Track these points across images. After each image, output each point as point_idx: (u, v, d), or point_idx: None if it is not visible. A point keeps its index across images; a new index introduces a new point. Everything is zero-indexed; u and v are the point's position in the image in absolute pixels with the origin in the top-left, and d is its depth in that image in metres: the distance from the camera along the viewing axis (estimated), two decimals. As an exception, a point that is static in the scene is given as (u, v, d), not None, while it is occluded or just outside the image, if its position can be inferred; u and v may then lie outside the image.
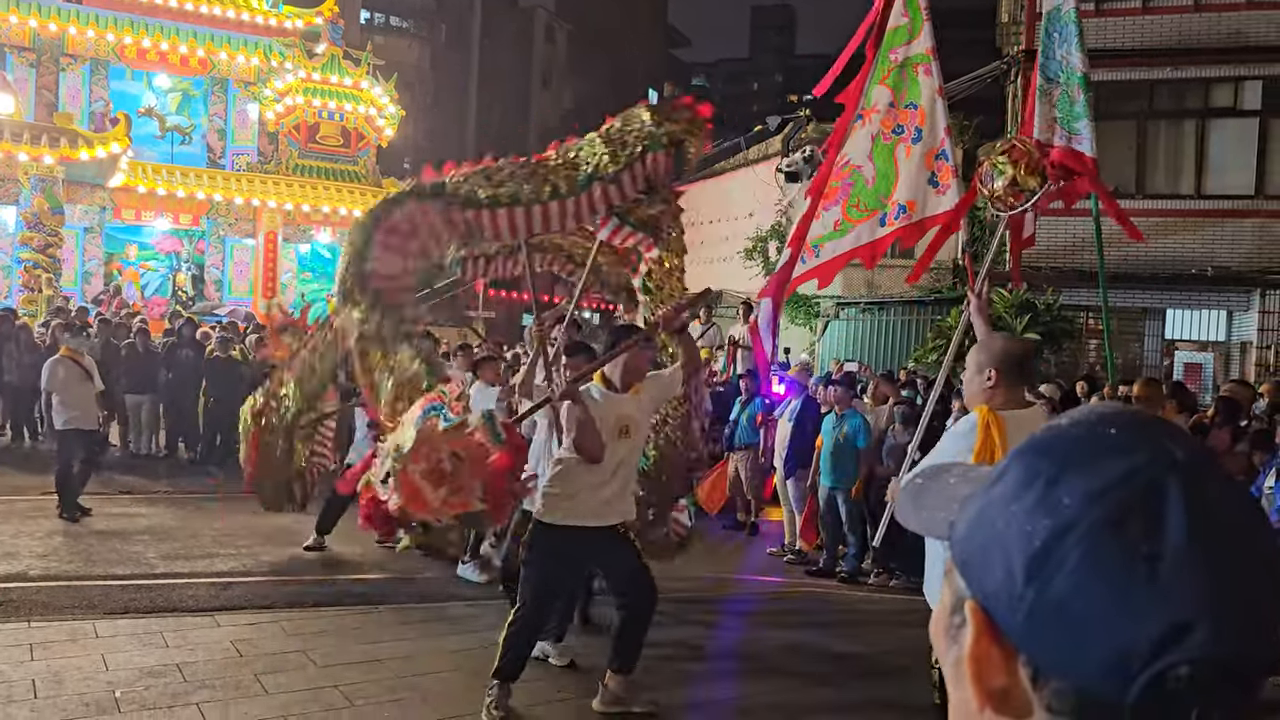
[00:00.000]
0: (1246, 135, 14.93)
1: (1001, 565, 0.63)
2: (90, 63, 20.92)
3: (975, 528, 0.67)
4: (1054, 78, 5.91)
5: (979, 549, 0.65)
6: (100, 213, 20.63)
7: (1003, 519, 0.64)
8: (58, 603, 6.24)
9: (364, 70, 22.58)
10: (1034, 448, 0.66)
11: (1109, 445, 0.64)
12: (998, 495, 0.66)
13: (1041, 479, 0.63)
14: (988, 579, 0.64)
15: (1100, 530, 0.60)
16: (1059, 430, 0.67)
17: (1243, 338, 15.25)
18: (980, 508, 0.67)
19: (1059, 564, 0.60)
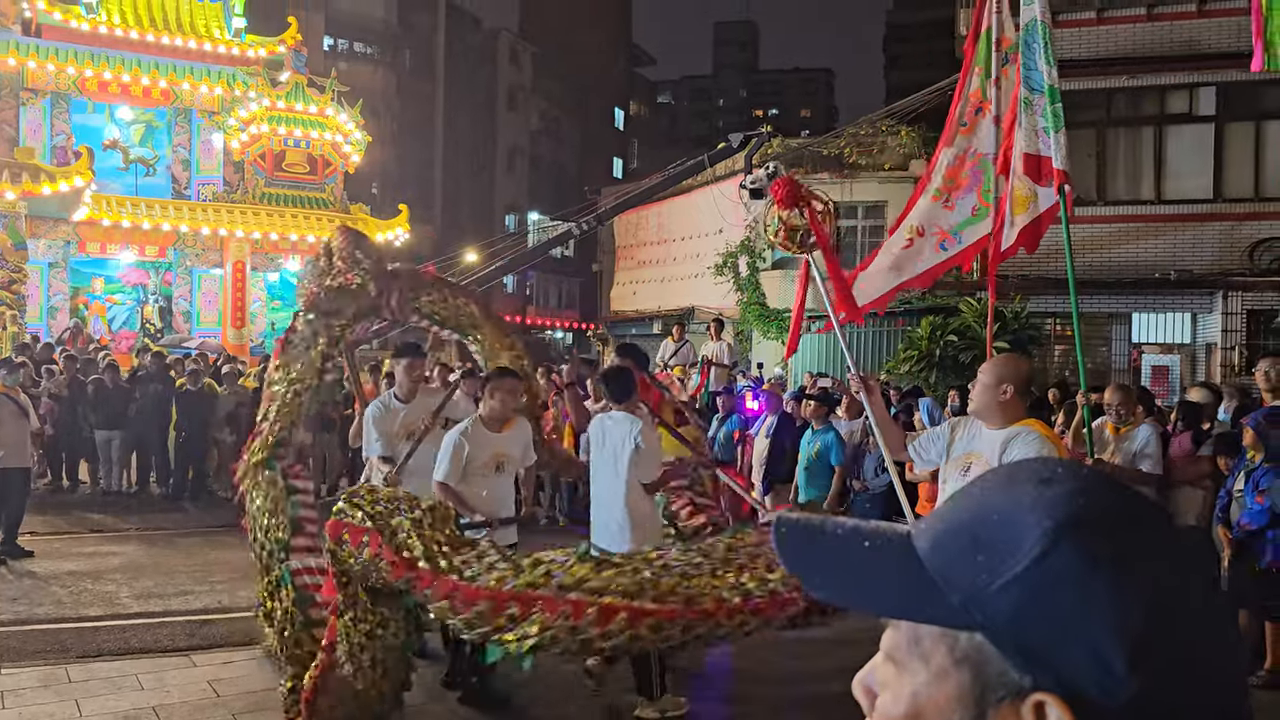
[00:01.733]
0: (1203, 140, 15.21)
1: (1086, 652, 0.59)
2: (51, 96, 20.73)
3: (1032, 611, 0.61)
4: (1038, 88, 5.98)
5: (1045, 634, 0.60)
6: (65, 247, 20.40)
7: (1077, 601, 0.60)
8: (29, 647, 6.13)
9: (329, 97, 22.51)
10: (1075, 523, 0.62)
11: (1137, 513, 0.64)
12: (1054, 575, 0.61)
13: (1106, 556, 0.61)
14: (1066, 667, 0.60)
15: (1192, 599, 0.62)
16: (1092, 501, 0.64)
17: (1207, 339, 15.49)
18: (1030, 588, 0.61)
19: (1164, 641, 0.59)
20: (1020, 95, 6.03)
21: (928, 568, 0.65)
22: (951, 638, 0.64)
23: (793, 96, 76.00)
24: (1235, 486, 5.68)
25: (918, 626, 0.66)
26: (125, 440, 12.57)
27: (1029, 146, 5.88)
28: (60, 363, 13.44)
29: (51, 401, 12.39)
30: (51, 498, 12.16)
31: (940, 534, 0.67)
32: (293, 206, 22.26)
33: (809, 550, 0.68)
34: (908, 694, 0.66)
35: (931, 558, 0.65)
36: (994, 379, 3.86)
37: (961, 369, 13.08)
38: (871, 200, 19.62)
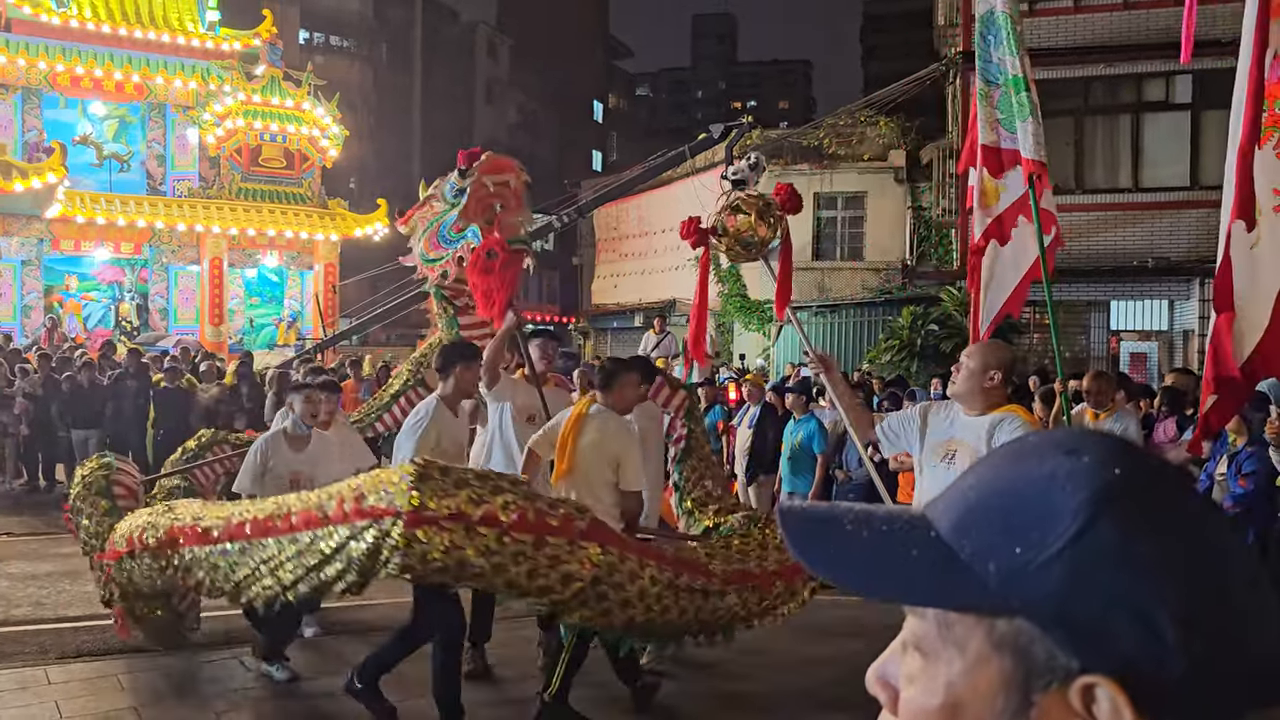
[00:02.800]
0: (1180, 128, 15.31)
1: (1138, 628, 0.57)
2: (21, 91, 20.46)
3: (1077, 589, 0.58)
4: (994, 80, 5.97)
5: (1094, 612, 0.58)
6: (38, 245, 20.17)
7: (1122, 575, 0.58)
8: (7, 649, 6.05)
9: (305, 91, 22.33)
10: (1111, 494, 0.60)
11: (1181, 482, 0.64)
12: (1097, 549, 0.58)
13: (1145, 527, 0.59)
14: (1117, 645, 0.58)
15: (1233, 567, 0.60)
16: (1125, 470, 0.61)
17: (1185, 326, 15.61)
18: (1072, 565, 0.58)
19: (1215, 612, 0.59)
20: (978, 88, 6.01)
21: (955, 551, 0.62)
22: (988, 623, 0.61)
23: (771, 88, 76.03)
24: (1217, 470, 5.72)
25: (947, 614, 0.63)
26: (102, 439, 12.41)
27: (985, 138, 5.87)
28: (34, 362, 13.27)
29: (26, 401, 12.25)
30: (28, 498, 12.03)
31: (964, 515, 0.64)
32: (270, 202, 22.08)
33: (819, 539, 0.65)
34: (942, 684, 0.63)
35: (958, 540, 0.62)
36: (980, 365, 3.84)
37: (943, 358, 13.14)
38: (851, 191, 19.65)
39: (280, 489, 5.15)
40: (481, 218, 5.37)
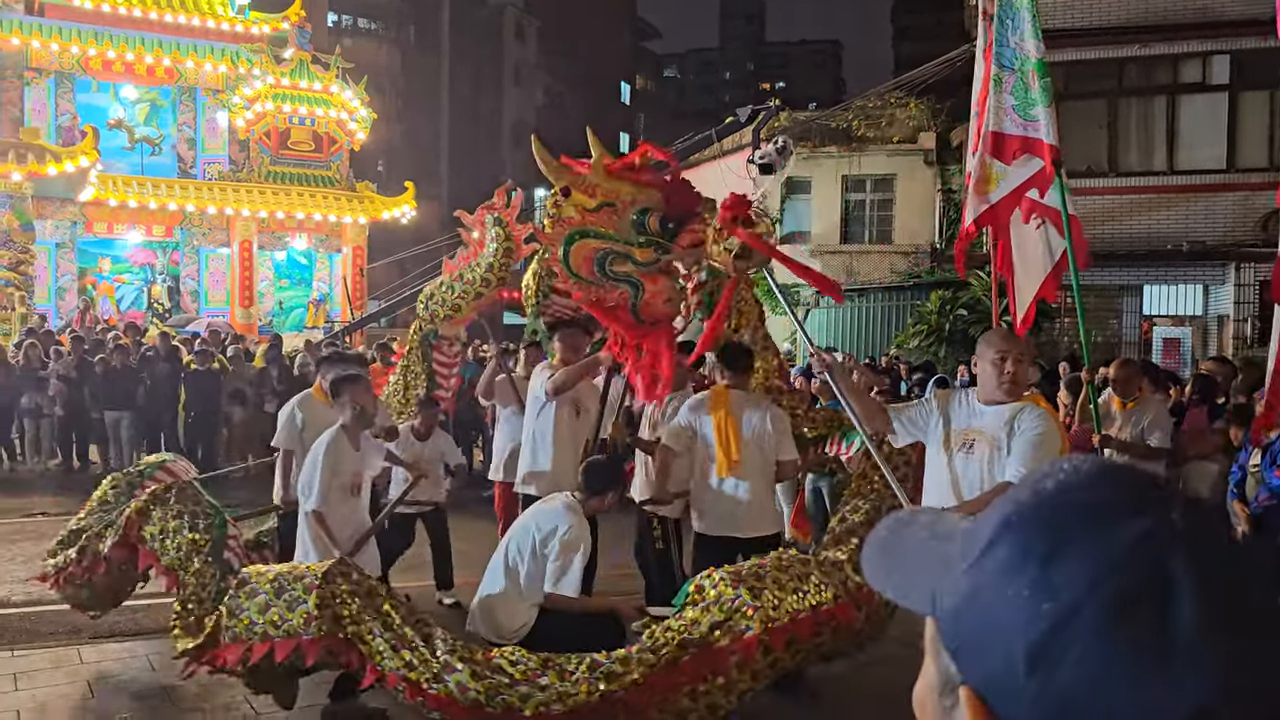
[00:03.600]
0: (1216, 110, 15.02)
1: (1000, 653, 0.58)
2: (55, 76, 20.68)
3: (968, 607, 0.61)
4: (1009, 65, 5.88)
5: (973, 632, 0.60)
6: (71, 227, 20.41)
7: (997, 601, 0.59)
8: (41, 629, 6.16)
9: (333, 74, 22.41)
10: (1023, 518, 0.61)
11: (1103, 514, 0.59)
12: (989, 572, 0.60)
13: (1035, 557, 0.59)
14: (984, 665, 0.59)
15: (1104, 617, 0.55)
16: (1047, 496, 0.62)
17: (1219, 311, 15.37)
18: (973, 584, 0.61)
19: (1061, 655, 0.56)
20: (991, 73, 5.92)
21: (942, 561, 0.66)
22: (933, 627, 0.65)
23: (800, 69, 75.38)
24: (1250, 461, 5.62)
25: (929, 618, 0.67)
26: (134, 421, 12.59)
27: (995, 125, 5.79)
28: (68, 344, 13.46)
29: (60, 383, 12.43)
30: (62, 478, 12.21)
31: (965, 530, 0.68)
32: (299, 185, 22.22)
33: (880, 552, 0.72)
34: (920, 680, 0.68)
35: (931, 546, 0.68)
36: (1028, 359, 3.90)
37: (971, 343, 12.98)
38: (880, 173, 19.46)
39: (343, 497, 4.88)
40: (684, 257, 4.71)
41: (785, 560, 4.09)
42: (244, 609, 3.92)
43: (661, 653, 3.72)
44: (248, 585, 3.98)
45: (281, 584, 3.93)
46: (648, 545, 6.03)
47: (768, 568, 4.00)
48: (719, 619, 3.78)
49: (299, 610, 3.83)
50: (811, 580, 3.94)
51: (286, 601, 3.87)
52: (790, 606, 3.83)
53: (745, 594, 3.81)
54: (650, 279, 4.62)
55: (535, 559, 4.45)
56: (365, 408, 4.98)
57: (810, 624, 3.83)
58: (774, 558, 4.11)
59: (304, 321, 22.82)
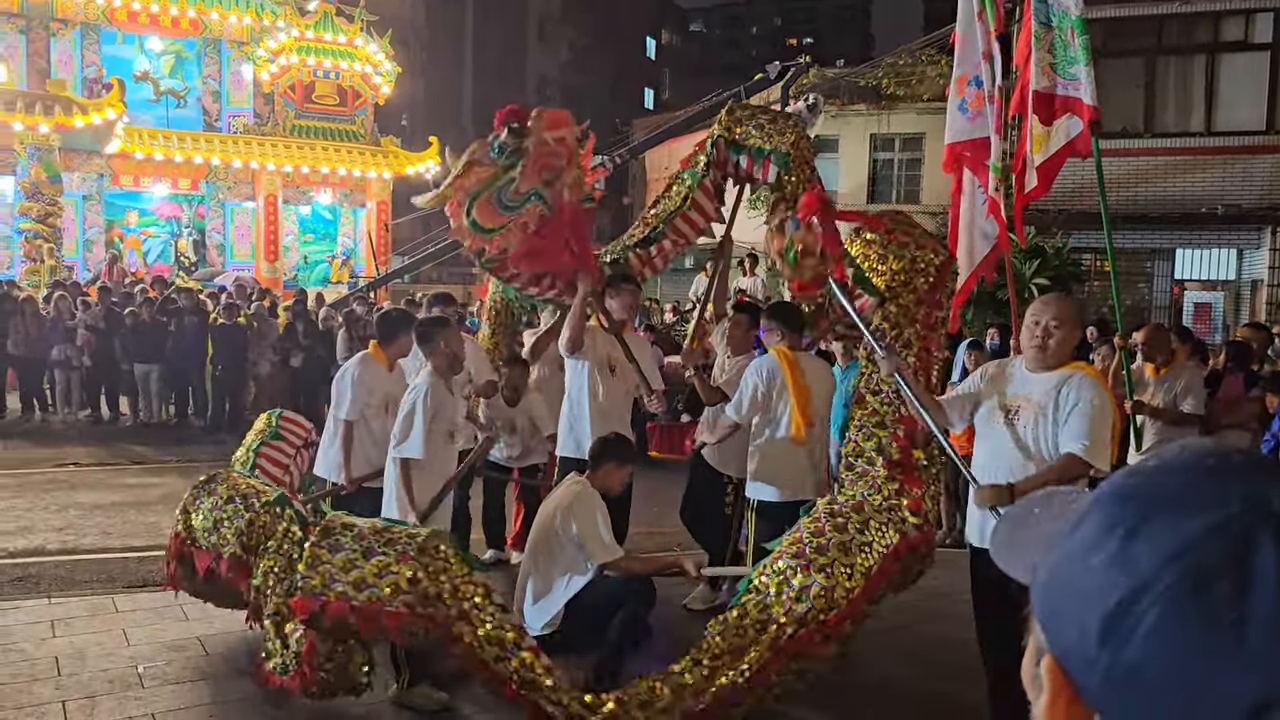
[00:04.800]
0: (1258, 69, 14.69)
1: (1077, 623, 0.59)
2: (80, 27, 20.62)
3: (1054, 578, 0.62)
4: (1047, 22, 5.75)
5: (1057, 602, 0.61)
6: (98, 180, 20.48)
7: (1080, 572, 0.60)
8: (77, 577, 6.27)
9: (358, 27, 22.24)
10: (1116, 493, 0.62)
11: (1195, 495, 0.58)
12: (1077, 545, 0.61)
13: (1120, 530, 0.59)
14: (1065, 636, 0.60)
15: (1179, 591, 0.55)
16: (1144, 473, 0.62)
17: (1253, 276, 15.14)
18: (1060, 556, 0.62)
19: (1134, 626, 0.56)
20: (1032, 30, 5.79)
21: (1039, 533, 0.68)
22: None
23: (828, 25, 74.17)
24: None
25: None
26: (163, 373, 12.73)
27: (1038, 84, 5.68)
28: (95, 295, 13.58)
29: (89, 334, 12.55)
30: (93, 429, 12.39)
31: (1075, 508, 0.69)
32: (323, 139, 22.16)
33: (1010, 528, 0.74)
34: (1027, 651, 0.69)
35: (1048, 525, 0.68)
36: (1073, 323, 3.77)
37: (1000, 306, 12.86)
38: (910, 132, 19.20)
39: (445, 443, 4.82)
40: (542, 178, 4.95)
41: (839, 515, 4.01)
42: (324, 562, 3.65)
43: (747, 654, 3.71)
44: (332, 536, 3.73)
45: (371, 545, 3.68)
46: (712, 505, 6.00)
47: (826, 531, 3.94)
48: (797, 610, 3.75)
49: (387, 580, 3.58)
50: (872, 528, 3.92)
51: (376, 566, 3.61)
52: (862, 568, 3.81)
53: (819, 577, 3.77)
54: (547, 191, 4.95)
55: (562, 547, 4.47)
56: (457, 353, 4.91)
57: (880, 576, 3.84)
58: (828, 514, 4.03)
59: (328, 276, 22.88)
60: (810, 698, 4.59)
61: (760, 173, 5.55)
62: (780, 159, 5.45)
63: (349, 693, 4.09)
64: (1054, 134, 5.77)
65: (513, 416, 6.54)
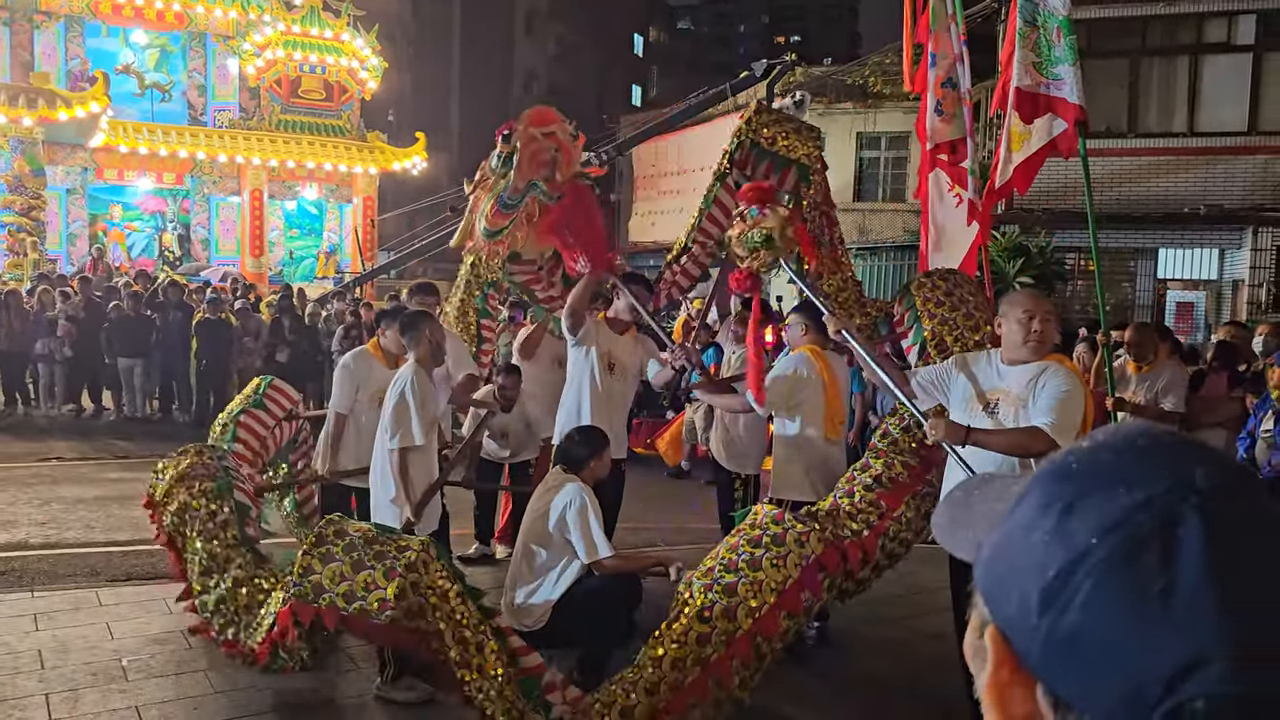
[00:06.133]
0: (1240, 71, 14.80)
1: (1018, 594, 0.62)
2: (65, 20, 20.50)
3: (997, 553, 0.65)
4: (1032, 21, 5.78)
5: (999, 576, 0.65)
6: (82, 173, 20.36)
7: (1020, 546, 0.63)
8: (60, 571, 6.25)
9: (344, 22, 22.18)
10: (1054, 472, 0.65)
11: (1128, 472, 0.62)
12: (1017, 521, 0.64)
13: (1058, 506, 0.62)
14: (1006, 607, 0.63)
15: (1112, 562, 0.58)
16: (1079, 453, 0.65)
17: (1235, 276, 15.27)
18: (1003, 533, 0.65)
19: (1071, 596, 0.59)
20: (1016, 28, 5.82)
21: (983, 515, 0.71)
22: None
23: (815, 23, 74.30)
24: (1262, 428, 5.61)
25: None
26: (147, 368, 12.67)
27: (1021, 82, 5.71)
28: (76, 286, 13.53)
29: (69, 324, 12.48)
30: (76, 423, 12.32)
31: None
32: (309, 134, 22.09)
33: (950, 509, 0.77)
34: (969, 626, 0.71)
35: (992, 506, 0.71)
36: (1024, 314, 3.78)
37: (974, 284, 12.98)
38: (895, 131, 19.27)
39: (431, 426, 4.85)
40: (540, 171, 4.95)
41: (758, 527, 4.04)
42: (315, 571, 3.72)
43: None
44: (324, 545, 3.80)
45: (361, 558, 3.73)
46: (728, 504, 6.06)
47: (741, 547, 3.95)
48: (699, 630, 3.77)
49: (374, 594, 3.64)
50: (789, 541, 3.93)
51: (364, 580, 3.67)
52: (771, 584, 3.81)
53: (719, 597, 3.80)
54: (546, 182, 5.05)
55: (552, 543, 4.48)
56: (440, 344, 4.92)
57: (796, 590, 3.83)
58: (749, 527, 4.02)
59: (314, 272, 22.81)
60: (795, 691, 4.62)
61: (780, 181, 5.59)
62: (802, 171, 5.52)
63: (298, 669, 4.22)
64: (1034, 133, 5.80)
65: (506, 422, 6.56)
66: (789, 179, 5.59)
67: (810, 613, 3.94)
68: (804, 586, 3.80)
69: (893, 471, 4.32)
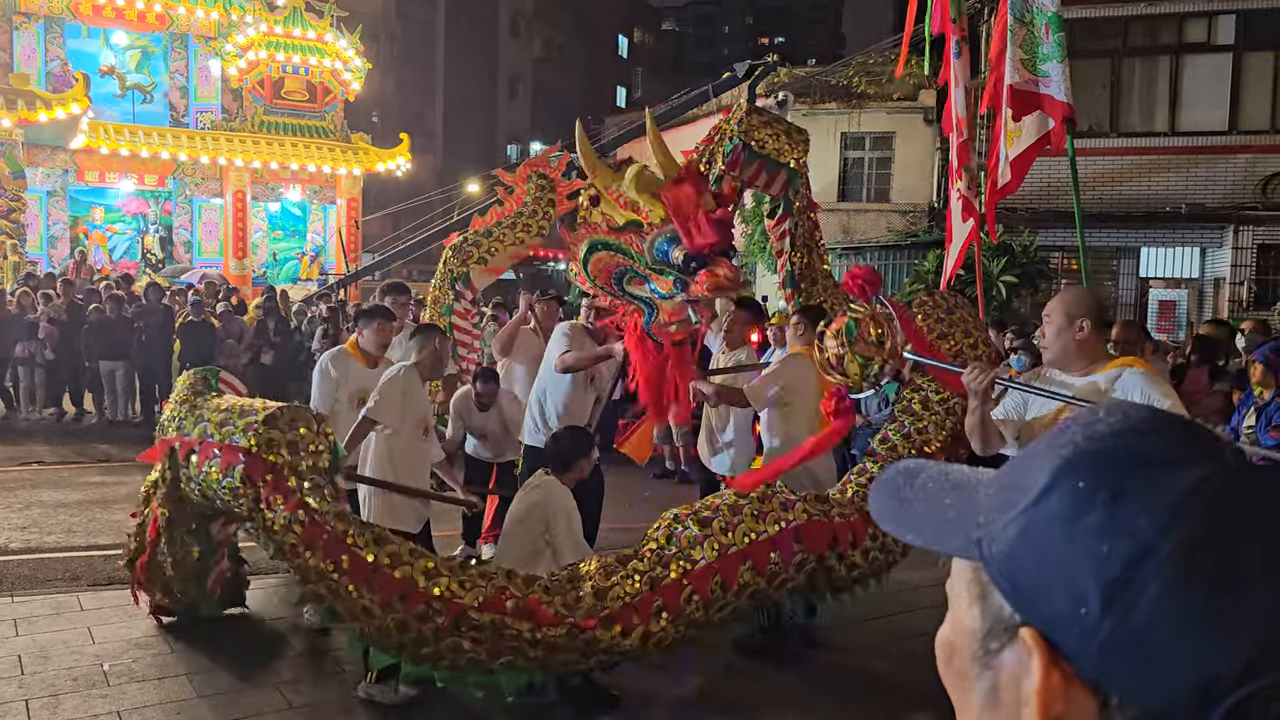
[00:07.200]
0: (1220, 70, 14.91)
1: (1066, 592, 0.58)
2: (44, 21, 20.33)
3: (1024, 549, 0.61)
4: (1021, 18, 5.81)
5: (1034, 573, 0.61)
6: (63, 175, 20.20)
7: (1061, 543, 0.59)
8: (41, 575, 6.19)
9: (327, 22, 22.08)
10: (1080, 462, 0.61)
11: (1164, 454, 0.60)
12: (1048, 514, 0.61)
13: (1101, 499, 0.59)
14: (1049, 605, 0.60)
15: (1181, 554, 0.56)
16: (1103, 441, 0.62)
17: (1216, 274, 15.37)
18: (1024, 527, 0.62)
19: (1140, 590, 0.56)
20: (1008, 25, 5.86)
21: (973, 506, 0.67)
22: (973, 571, 0.66)
23: (800, 25, 74.49)
24: (1244, 424, 5.64)
25: (959, 561, 0.68)
26: (129, 371, 12.58)
27: (1012, 79, 5.75)
28: (59, 288, 13.42)
29: (50, 326, 12.37)
30: (58, 427, 12.22)
31: (996, 477, 0.69)
32: (292, 135, 21.98)
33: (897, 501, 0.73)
34: (948, 625, 0.69)
35: (956, 495, 0.69)
36: (1065, 317, 3.37)
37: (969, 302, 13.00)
38: (880, 131, 19.31)
39: (416, 435, 4.88)
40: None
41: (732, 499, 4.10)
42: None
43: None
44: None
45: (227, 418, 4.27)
46: None
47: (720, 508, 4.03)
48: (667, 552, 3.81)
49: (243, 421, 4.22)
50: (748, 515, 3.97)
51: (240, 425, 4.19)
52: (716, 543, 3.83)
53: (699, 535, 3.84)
54: (665, 307, 4.49)
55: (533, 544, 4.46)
56: (443, 359, 5.02)
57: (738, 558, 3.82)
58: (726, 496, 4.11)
59: (298, 274, 22.71)
60: (779, 691, 4.62)
61: (768, 184, 5.59)
62: (792, 175, 5.51)
63: None
64: (1025, 131, 5.84)
65: (484, 422, 6.58)
66: (778, 182, 5.60)
67: (774, 581, 3.88)
68: (776, 547, 3.81)
69: None
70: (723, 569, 3.72)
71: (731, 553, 3.75)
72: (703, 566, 3.72)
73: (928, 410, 4.49)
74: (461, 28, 44.69)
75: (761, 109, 5.98)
